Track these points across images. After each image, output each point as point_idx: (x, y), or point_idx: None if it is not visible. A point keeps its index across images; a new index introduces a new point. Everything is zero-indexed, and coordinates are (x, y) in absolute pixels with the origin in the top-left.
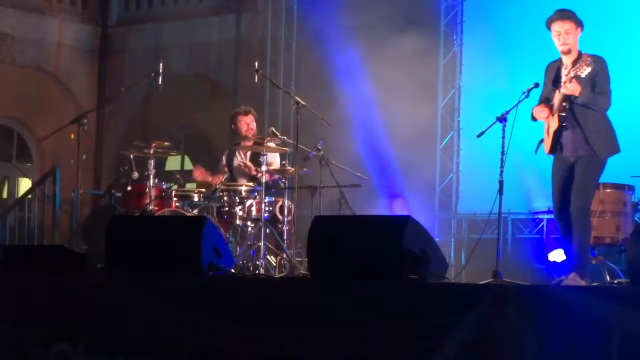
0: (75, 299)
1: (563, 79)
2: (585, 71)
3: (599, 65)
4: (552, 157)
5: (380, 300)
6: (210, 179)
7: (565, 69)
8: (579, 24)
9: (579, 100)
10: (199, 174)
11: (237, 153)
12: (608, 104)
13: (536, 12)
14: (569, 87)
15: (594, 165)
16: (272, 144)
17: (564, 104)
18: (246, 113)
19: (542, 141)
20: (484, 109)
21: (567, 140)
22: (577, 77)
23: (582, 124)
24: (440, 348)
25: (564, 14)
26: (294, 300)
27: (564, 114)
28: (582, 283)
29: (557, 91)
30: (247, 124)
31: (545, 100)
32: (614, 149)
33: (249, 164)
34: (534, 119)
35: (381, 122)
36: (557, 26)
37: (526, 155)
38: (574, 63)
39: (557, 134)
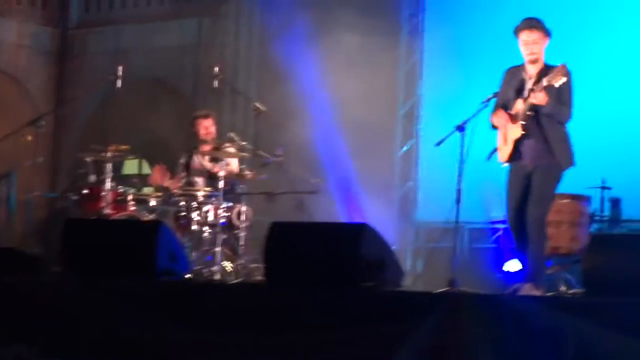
0: (30, 301)
1: (528, 88)
2: (560, 81)
3: (569, 76)
4: (506, 166)
5: (336, 307)
6: (167, 183)
7: (530, 78)
8: (547, 33)
9: (544, 110)
10: (158, 175)
11: (195, 157)
12: (569, 116)
13: (498, 21)
14: (539, 97)
15: (553, 174)
16: (230, 149)
17: (529, 112)
18: (206, 117)
19: (495, 150)
20: (444, 117)
21: (527, 149)
22: (549, 87)
23: (548, 134)
24: (396, 355)
25: (533, 24)
26: (249, 306)
27: (526, 123)
28: (538, 293)
29: (519, 100)
30: (206, 127)
31: (502, 107)
32: (572, 161)
33: (206, 162)
34: (494, 127)
35: (341, 128)
36: (525, 35)
37: (484, 164)
38: (540, 73)
39: (518, 143)
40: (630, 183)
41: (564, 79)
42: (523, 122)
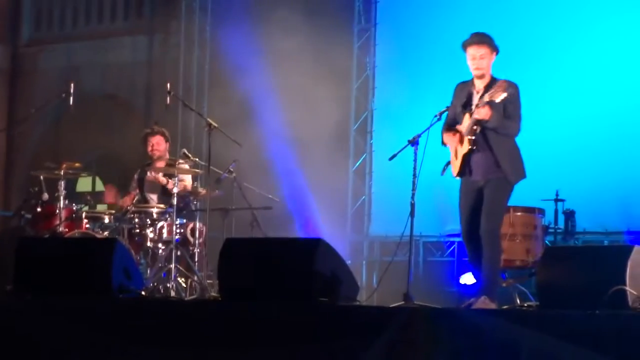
0: None
1: (475, 102)
2: (500, 96)
3: (512, 90)
4: (459, 179)
5: (290, 322)
6: (120, 201)
7: (477, 93)
8: (494, 49)
9: (489, 125)
10: (110, 196)
11: (148, 173)
12: (517, 129)
13: (449, 35)
14: (481, 112)
15: (503, 188)
16: (184, 166)
17: (475, 127)
18: (153, 133)
19: (448, 163)
20: (397, 131)
21: (476, 164)
22: (491, 102)
23: (494, 148)
24: None
25: (480, 39)
26: (205, 323)
27: (474, 138)
28: (492, 306)
29: (467, 114)
30: (154, 144)
31: (452, 121)
32: (522, 174)
33: (160, 177)
34: (444, 143)
35: (294, 143)
36: (472, 50)
37: (438, 178)
38: (487, 87)
39: (467, 158)
40: (584, 195)
41: (504, 95)
42: (470, 137)
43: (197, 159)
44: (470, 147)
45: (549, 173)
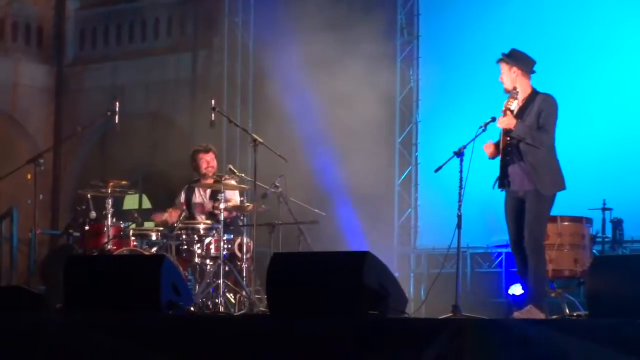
0: (34, 339)
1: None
2: (511, 105)
3: (545, 102)
4: (503, 191)
5: (339, 336)
6: (166, 216)
7: (518, 104)
8: (513, 64)
9: (513, 134)
10: (157, 217)
11: (196, 190)
12: (546, 140)
13: (491, 46)
14: (502, 121)
15: (540, 200)
16: (230, 182)
17: (507, 138)
18: (206, 151)
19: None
20: (442, 143)
21: (513, 175)
22: (509, 110)
23: (525, 159)
24: None
25: (502, 56)
26: (254, 338)
27: (508, 148)
28: (541, 315)
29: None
30: (208, 161)
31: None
32: (559, 186)
33: (207, 204)
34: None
35: (339, 157)
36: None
37: (484, 189)
38: (526, 100)
39: (504, 169)
40: (631, 203)
41: (514, 102)
42: (503, 147)
43: (242, 175)
44: (502, 156)
45: (596, 182)
